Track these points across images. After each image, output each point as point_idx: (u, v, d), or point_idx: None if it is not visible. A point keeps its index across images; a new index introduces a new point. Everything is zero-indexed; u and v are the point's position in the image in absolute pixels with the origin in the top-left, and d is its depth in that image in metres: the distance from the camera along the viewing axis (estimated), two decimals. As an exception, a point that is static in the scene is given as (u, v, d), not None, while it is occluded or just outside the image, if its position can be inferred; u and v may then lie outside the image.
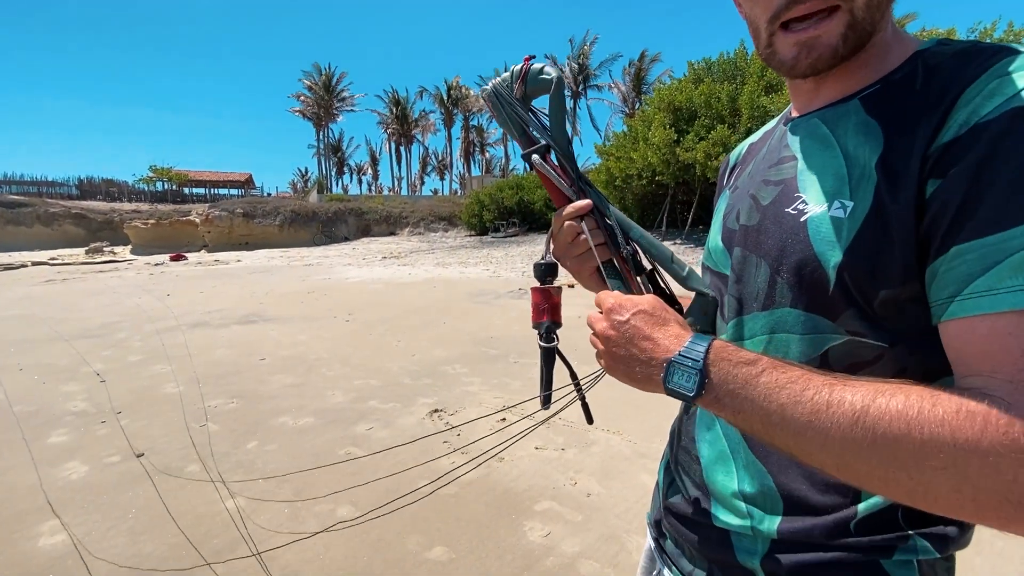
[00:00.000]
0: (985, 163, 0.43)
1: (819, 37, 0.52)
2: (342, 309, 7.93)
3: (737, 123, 14.72)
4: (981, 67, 0.46)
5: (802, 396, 0.45)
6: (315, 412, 3.71)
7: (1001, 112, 0.43)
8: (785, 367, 0.48)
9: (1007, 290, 0.40)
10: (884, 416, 0.41)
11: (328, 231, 28.28)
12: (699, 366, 0.48)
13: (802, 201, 0.56)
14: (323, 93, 51.74)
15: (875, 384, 0.44)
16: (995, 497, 0.38)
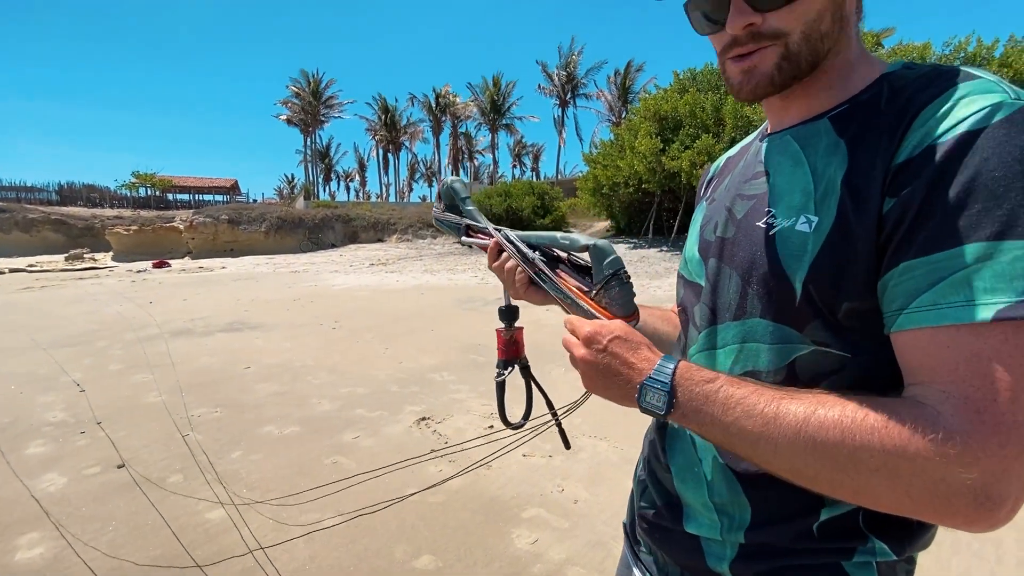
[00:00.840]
0: (934, 184, 0.45)
1: (756, 67, 0.57)
2: (328, 316, 7.87)
3: (722, 132, 14.96)
4: (938, 90, 0.49)
5: (754, 410, 0.49)
6: (300, 421, 3.68)
7: (951, 135, 0.46)
8: (740, 384, 0.52)
9: (948, 305, 0.43)
10: (822, 425, 0.46)
11: (315, 238, 28.06)
12: (667, 387, 0.53)
13: (772, 215, 0.59)
14: (310, 99, 51.52)
15: (818, 396, 0.48)
16: (926, 495, 0.42)
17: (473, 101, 51.47)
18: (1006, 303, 0.41)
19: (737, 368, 0.61)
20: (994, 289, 0.41)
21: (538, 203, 24.56)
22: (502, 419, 0.84)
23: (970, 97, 0.47)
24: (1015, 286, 0.41)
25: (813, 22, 0.54)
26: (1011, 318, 0.41)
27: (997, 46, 13.79)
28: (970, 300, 0.42)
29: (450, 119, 54.94)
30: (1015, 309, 0.41)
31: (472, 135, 59.80)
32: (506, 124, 52.24)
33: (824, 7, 0.54)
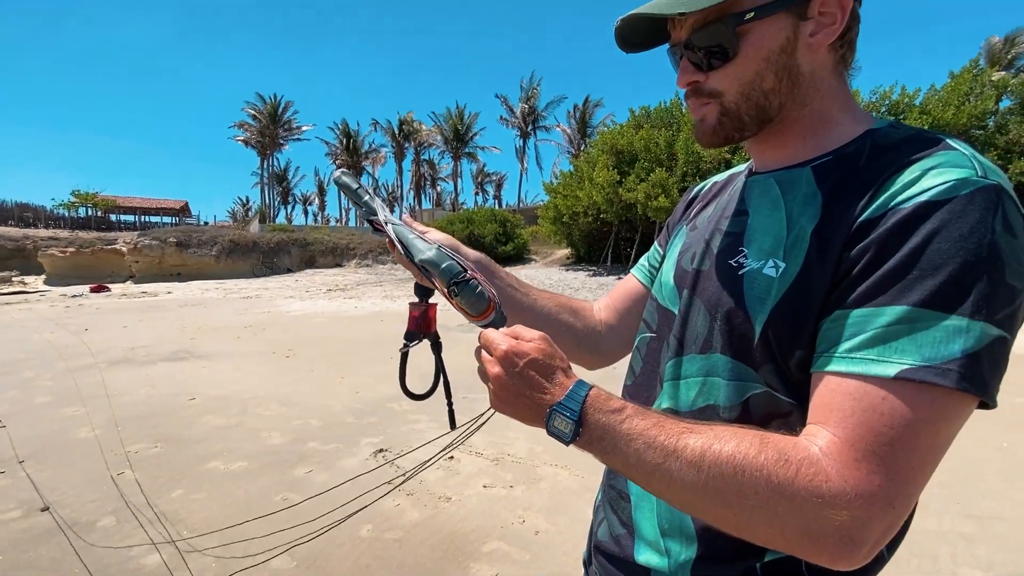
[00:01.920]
0: (883, 244, 0.48)
1: (704, 119, 0.63)
2: (282, 344, 7.59)
3: (674, 167, 15.69)
4: (914, 157, 0.51)
5: (654, 442, 0.51)
6: (249, 456, 3.50)
7: (912, 203, 0.48)
8: (646, 415, 0.53)
9: (861, 357, 0.46)
10: (716, 460, 0.48)
11: (269, 262, 27.20)
12: (576, 415, 0.53)
13: (744, 255, 0.61)
14: (268, 122, 50.70)
15: (717, 431, 0.50)
16: (798, 533, 0.45)
17: (436, 129, 52.01)
18: (910, 365, 0.44)
19: (700, 401, 0.63)
20: (904, 351, 0.44)
21: (500, 230, 24.79)
22: (402, 388, 0.84)
23: (940, 169, 0.49)
24: (923, 352, 0.44)
25: (751, 82, 0.58)
26: (911, 379, 0.44)
27: (918, 95, 15.21)
28: (881, 356, 0.45)
29: (413, 146, 55.18)
30: (917, 372, 0.44)
31: (435, 162, 60.16)
32: (469, 152, 52.93)
33: (763, 68, 0.57)
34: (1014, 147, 14.25)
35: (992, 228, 0.45)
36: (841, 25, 0.57)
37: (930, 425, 0.44)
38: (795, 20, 0.57)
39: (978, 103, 14.22)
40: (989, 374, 0.44)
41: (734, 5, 0.56)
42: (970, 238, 0.45)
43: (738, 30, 0.57)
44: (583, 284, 15.63)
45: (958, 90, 14.39)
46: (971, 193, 0.46)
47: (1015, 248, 0.46)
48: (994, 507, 2.63)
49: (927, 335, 0.44)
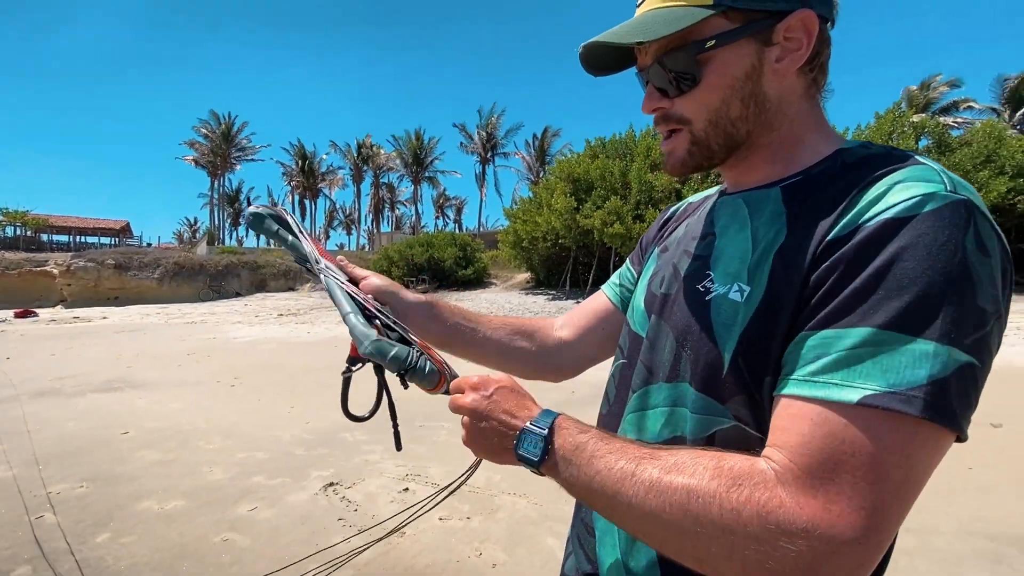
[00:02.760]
0: (848, 263, 0.46)
1: (673, 150, 0.62)
2: (227, 372, 7.21)
3: (628, 195, 16.23)
4: (881, 173, 0.49)
5: (614, 466, 0.50)
6: (187, 493, 3.27)
7: (878, 220, 0.46)
8: (608, 440, 0.52)
9: (823, 381, 0.44)
10: (671, 488, 0.46)
11: (216, 286, 26.02)
12: (544, 436, 0.54)
13: (710, 279, 0.59)
14: (220, 142, 49.26)
15: (679, 455, 0.48)
16: (758, 567, 0.42)
17: (396, 153, 51.96)
18: (874, 391, 0.41)
19: (666, 432, 0.60)
20: (869, 375, 0.42)
21: (460, 254, 24.77)
22: (344, 411, 0.81)
23: (906, 183, 0.47)
24: (888, 377, 0.41)
25: (717, 109, 0.57)
26: (874, 406, 0.41)
27: (847, 133, 16.48)
28: (844, 380, 0.43)
29: (372, 169, 54.82)
30: (880, 398, 0.41)
31: (395, 185, 59.90)
32: (429, 177, 53.06)
33: (729, 95, 0.56)
34: (932, 183, 15.52)
35: (962, 246, 0.42)
36: (807, 51, 0.56)
37: (896, 455, 0.41)
38: (759, 47, 0.56)
39: (900, 142, 15.53)
40: (958, 403, 0.41)
41: (695, 32, 0.55)
42: (939, 257, 0.42)
43: (700, 58, 0.56)
44: (542, 308, 15.76)
45: (882, 129, 15.69)
46: (939, 208, 0.44)
47: (987, 268, 0.43)
48: (931, 522, 2.76)
49: (892, 359, 0.41)
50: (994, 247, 0.44)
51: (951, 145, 16.49)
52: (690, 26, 0.54)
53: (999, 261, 0.45)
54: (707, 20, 0.54)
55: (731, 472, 0.45)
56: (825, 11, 0.56)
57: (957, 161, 15.35)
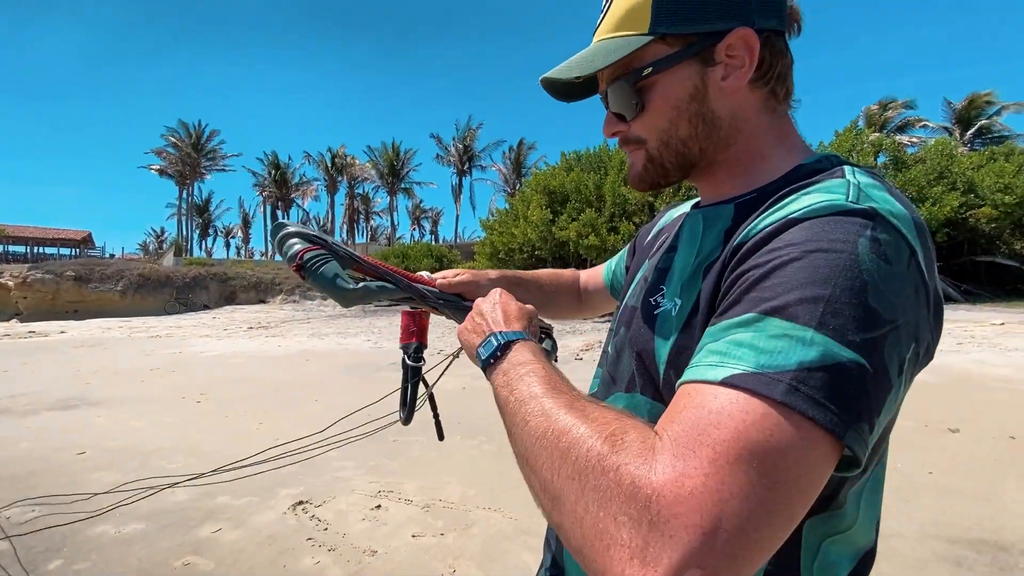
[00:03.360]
0: (742, 263, 0.47)
1: (633, 165, 0.65)
2: (193, 388, 6.97)
3: (603, 208, 16.47)
4: (805, 184, 0.51)
5: (533, 388, 0.51)
6: (146, 516, 3.13)
7: (774, 223, 0.47)
8: (551, 374, 0.54)
9: (704, 364, 0.42)
10: (561, 419, 0.45)
11: (184, 298, 25.25)
12: (501, 343, 0.60)
13: (662, 294, 0.61)
14: (190, 151, 48.14)
15: (596, 405, 0.47)
16: (594, 530, 0.37)
17: (371, 164, 51.64)
18: (741, 371, 0.39)
19: None
20: (740, 357, 0.40)
21: (436, 265, 24.69)
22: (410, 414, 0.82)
23: (813, 193, 0.48)
24: (759, 359, 0.39)
25: (667, 130, 0.59)
26: (735, 385, 0.38)
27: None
28: (720, 362, 0.41)
29: (347, 179, 54.32)
30: (746, 379, 0.38)
31: (370, 197, 59.44)
32: (405, 188, 52.83)
33: (676, 116, 0.58)
34: (891, 198, 16.25)
35: (854, 246, 0.42)
36: (751, 67, 0.56)
37: (761, 445, 0.36)
38: (701, 67, 0.56)
39: (860, 159, 16.23)
40: (837, 401, 0.37)
41: (636, 60, 0.57)
42: (828, 253, 0.41)
43: (640, 84, 0.58)
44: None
45: (842, 147, 16.37)
46: (835, 214, 0.44)
47: (883, 273, 0.41)
48: (894, 526, 2.84)
49: (769, 343, 0.39)
50: (898, 257, 0.43)
51: (907, 162, 17.30)
52: (630, 55, 0.56)
53: (904, 271, 0.43)
54: (647, 47, 0.56)
55: (622, 427, 0.42)
56: (772, 23, 0.56)
57: (912, 177, 16.11)
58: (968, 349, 8.33)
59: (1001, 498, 3.15)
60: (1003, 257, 16.58)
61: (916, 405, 5.31)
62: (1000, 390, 5.75)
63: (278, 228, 0.78)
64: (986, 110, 32.84)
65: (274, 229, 0.81)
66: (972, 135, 32.26)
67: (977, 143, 31.11)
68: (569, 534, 0.40)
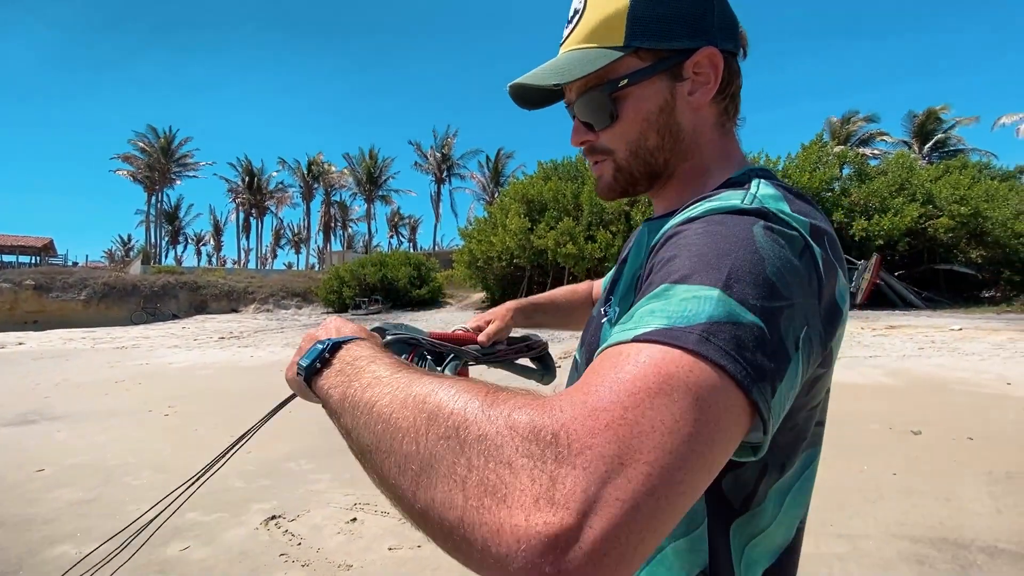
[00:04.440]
0: (653, 260, 0.49)
1: (601, 175, 0.66)
2: (161, 401, 6.75)
3: (580, 217, 16.64)
4: (717, 191, 0.55)
5: (379, 373, 0.44)
6: (110, 535, 3.01)
7: (680, 222, 0.50)
8: (398, 362, 0.46)
9: (619, 330, 0.40)
10: (427, 390, 0.38)
11: (152, 308, 24.46)
12: (328, 345, 0.51)
13: (609, 304, 0.64)
14: (159, 156, 46.92)
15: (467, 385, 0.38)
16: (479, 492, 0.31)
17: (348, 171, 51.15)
18: (653, 328, 0.38)
19: None
20: (651, 321, 0.39)
21: (415, 273, 24.50)
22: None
23: (715, 198, 0.51)
24: (670, 319, 0.38)
25: (636, 141, 0.61)
26: (647, 340, 0.37)
27: (779, 161, 17.66)
28: (628, 327, 0.40)
29: (323, 187, 53.66)
30: (654, 334, 0.37)
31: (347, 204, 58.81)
32: (383, 195, 52.46)
33: (646, 128, 0.60)
34: (856, 207, 16.93)
35: (749, 229, 0.44)
36: (716, 83, 0.60)
37: (679, 385, 0.34)
38: (671, 82, 0.59)
39: (825, 171, 16.80)
40: (746, 357, 0.36)
41: (610, 72, 0.59)
42: (727, 233, 0.44)
43: (615, 95, 0.60)
44: (497, 328, 15.75)
45: (808, 159, 16.93)
46: (732, 210, 0.47)
47: (779, 255, 0.43)
48: (861, 527, 2.93)
49: (678, 306, 0.39)
50: (791, 246, 0.44)
51: (869, 174, 17.98)
52: (604, 67, 0.58)
53: (797, 259, 0.44)
54: (620, 60, 0.58)
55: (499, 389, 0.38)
56: (730, 46, 0.61)
57: (875, 188, 16.74)
58: (929, 354, 8.66)
59: (960, 498, 3.28)
60: (960, 265, 17.34)
61: (881, 408, 5.49)
62: (959, 393, 5.99)
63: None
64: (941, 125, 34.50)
65: None
66: (929, 148, 33.81)
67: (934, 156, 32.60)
68: (445, 507, 0.32)
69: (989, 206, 16.64)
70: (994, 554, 2.59)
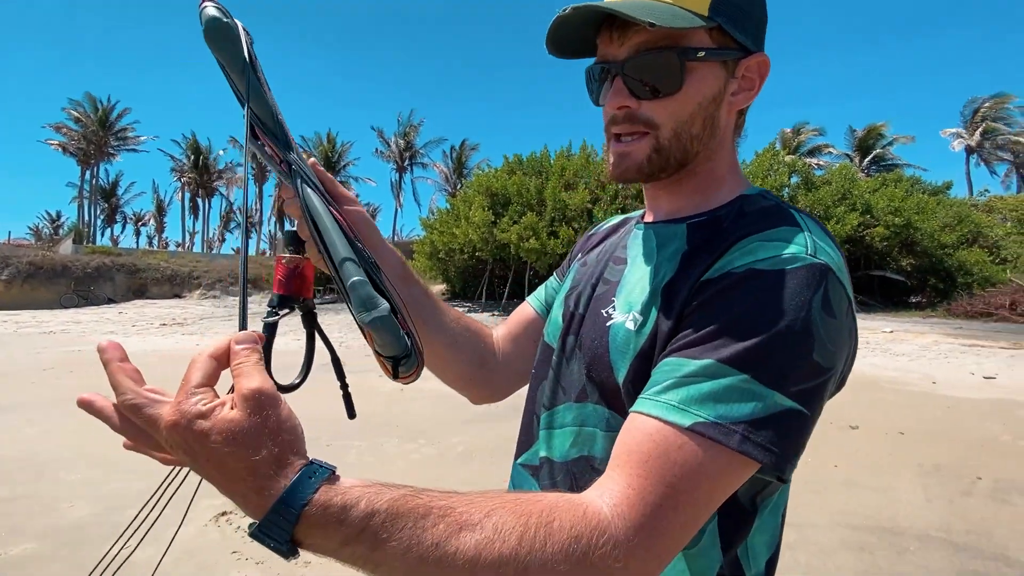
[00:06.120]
0: (708, 303, 0.51)
1: (630, 154, 0.60)
2: (96, 390, 6.28)
3: (544, 212, 16.72)
4: (760, 227, 0.54)
5: (415, 553, 0.38)
6: (41, 535, 2.79)
7: (742, 269, 0.51)
8: (401, 518, 0.39)
9: (665, 402, 0.47)
10: (494, 563, 0.39)
11: (84, 290, 22.82)
12: (287, 541, 0.37)
13: (613, 306, 0.61)
14: (96, 128, 43.63)
15: (499, 518, 0.41)
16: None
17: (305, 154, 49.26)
18: (703, 419, 0.45)
19: (574, 452, 0.62)
20: (702, 404, 0.46)
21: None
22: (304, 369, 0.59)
23: (776, 242, 0.51)
24: (718, 409, 0.45)
25: (684, 122, 0.57)
26: (701, 433, 0.45)
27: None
28: (681, 404, 0.46)
29: (277, 170, 51.44)
30: (706, 427, 0.45)
31: (301, 189, 56.65)
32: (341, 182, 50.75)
33: (696, 111, 0.57)
34: (802, 215, 17.78)
35: (809, 304, 0.47)
36: (756, 92, 0.60)
37: (710, 481, 0.45)
38: (727, 75, 0.58)
39: (776, 178, 17.58)
40: (780, 444, 0.45)
41: (685, 38, 0.55)
42: (786, 310, 0.47)
43: (688, 64, 0.56)
44: (457, 321, 15.64)
45: (761, 166, 17.66)
46: (796, 268, 0.49)
47: (829, 328, 0.48)
48: (807, 516, 3.09)
49: (725, 393, 0.46)
50: (841, 310, 0.49)
51: (815, 183, 18.96)
52: (685, 29, 0.54)
53: (843, 322, 0.50)
54: (696, 30, 0.55)
55: (566, 524, 0.42)
56: None
57: (820, 197, 17.68)
58: (864, 354, 9.26)
59: (895, 489, 3.52)
60: (892, 272, 18.61)
61: (823, 405, 5.83)
62: (891, 391, 6.44)
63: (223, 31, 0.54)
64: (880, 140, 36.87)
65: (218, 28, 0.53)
66: (869, 162, 36.08)
67: (872, 169, 34.82)
68: None
69: (919, 218, 17.94)
70: (926, 540, 2.80)
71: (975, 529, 2.92)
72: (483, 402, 0.87)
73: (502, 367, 0.84)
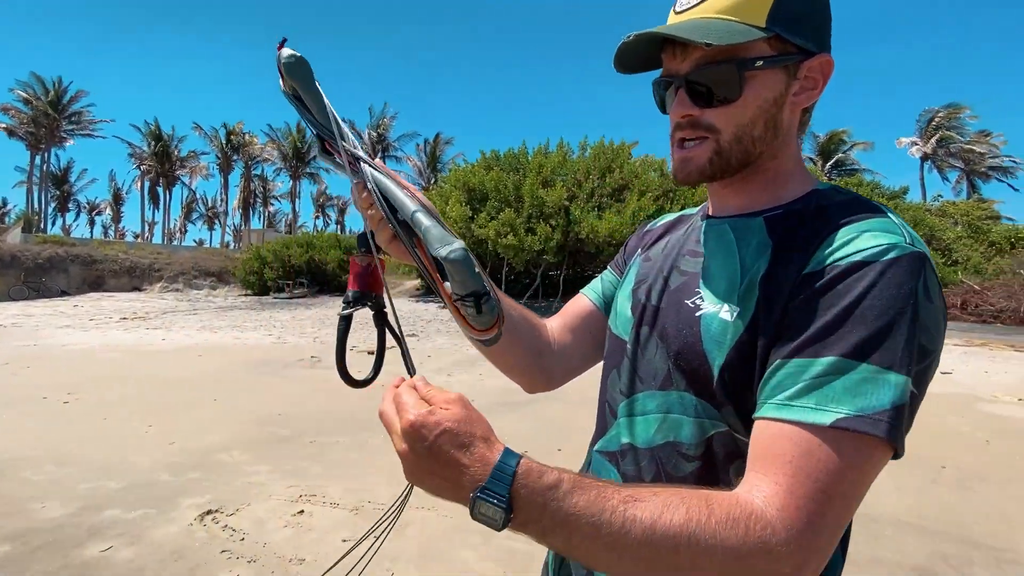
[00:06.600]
0: (820, 297, 0.52)
1: (692, 159, 0.64)
2: (56, 386, 5.99)
3: (521, 208, 16.72)
4: (852, 219, 0.56)
5: (600, 519, 0.46)
6: (11, 537, 2.64)
7: (847, 261, 0.52)
8: (584, 489, 0.47)
9: (800, 405, 0.49)
10: (668, 532, 0.45)
11: (34, 282, 21.65)
12: (505, 500, 0.45)
13: (700, 297, 0.63)
14: (47, 110, 41.27)
15: (663, 496, 0.47)
16: None
17: (273, 144, 47.90)
18: (844, 414, 0.47)
19: (659, 438, 0.63)
20: (839, 400, 0.48)
21: (344, 257, 23.50)
22: (340, 370, 0.65)
23: (872, 233, 0.54)
24: (856, 402, 0.47)
25: (745, 126, 0.61)
26: (845, 428, 0.47)
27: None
28: (818, 404, 0.48)
29: (243, 159, 49.85)
30: (850, 421, 0.47)
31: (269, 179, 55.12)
32: (310, 173, 49.71)
33: (757, 115, 0.60)
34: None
35: (915, 291, 0.50)
36: (820, 91, 0.63)
37: (857, 471, 0.47)
38: (788, 78, 0.61)
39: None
40: (905, 425, 0.49)
41: (743, 51, 0.59)
42: (897, 298, 0.49)
43: (746, 74, 0.59)
44: (435, 315, 15.51)
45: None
46: (900, 257, 0.51)
47: (930, 312, 0.51)
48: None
49: (857, 386, 0.48)
50: (937, 295, 0.52)
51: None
52: (744, 43, 0.58)
53: (941, 304, 0.53)
54: (755, 41, 0.59)
55: (723, 508, 0.47)
56: None
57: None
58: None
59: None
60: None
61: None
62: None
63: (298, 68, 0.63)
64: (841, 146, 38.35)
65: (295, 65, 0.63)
66: (831, 166, 37.47)
67: (834, 173, 36.20)
68: None
69: (879, 221, 18.74)
70: (899, 527, 2.95)
71: (943, 516, 3.09)
72: (537, 391, 0.87)
73: (559, 357, 0.85)
